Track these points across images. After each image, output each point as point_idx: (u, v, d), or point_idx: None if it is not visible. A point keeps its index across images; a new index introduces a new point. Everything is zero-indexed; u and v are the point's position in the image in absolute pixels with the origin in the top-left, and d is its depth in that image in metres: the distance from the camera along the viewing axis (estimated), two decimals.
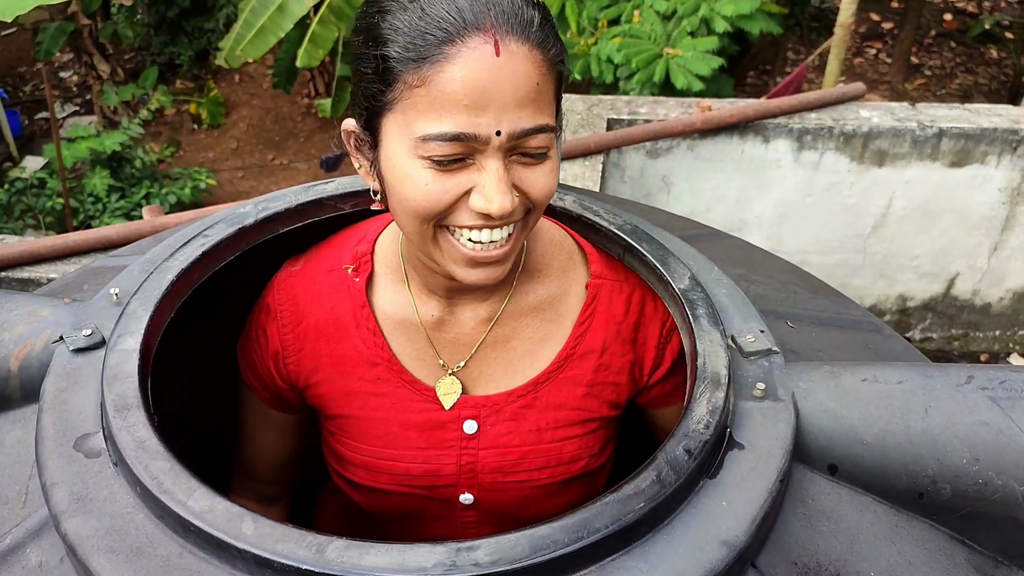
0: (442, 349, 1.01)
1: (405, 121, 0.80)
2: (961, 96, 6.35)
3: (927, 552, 0.82)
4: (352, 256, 1.02)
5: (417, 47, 0.77)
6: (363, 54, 0.82)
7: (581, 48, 4.59)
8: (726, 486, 0.77)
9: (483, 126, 0.78)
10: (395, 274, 1.01)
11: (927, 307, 3.58)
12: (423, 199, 0.82)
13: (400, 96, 0.79)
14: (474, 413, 1.01)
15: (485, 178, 0.81)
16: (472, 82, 0.76)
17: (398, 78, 0.79)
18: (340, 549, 0.68)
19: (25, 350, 0.90)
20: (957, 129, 3.09)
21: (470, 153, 0.80)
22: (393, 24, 0.79)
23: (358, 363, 1.01)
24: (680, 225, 1.34)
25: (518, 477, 1.03)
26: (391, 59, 0.79)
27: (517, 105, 0.78)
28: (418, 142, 0.79)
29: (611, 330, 1.02)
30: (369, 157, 0.88)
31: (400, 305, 1.01)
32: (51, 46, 6.25)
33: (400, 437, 1.02)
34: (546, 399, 1.02)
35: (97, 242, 2.39)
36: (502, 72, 0.77)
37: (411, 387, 1.01)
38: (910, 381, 0.86)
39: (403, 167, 0.82)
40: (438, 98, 0.77)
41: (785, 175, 3.20)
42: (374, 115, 0.83)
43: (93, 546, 0.71)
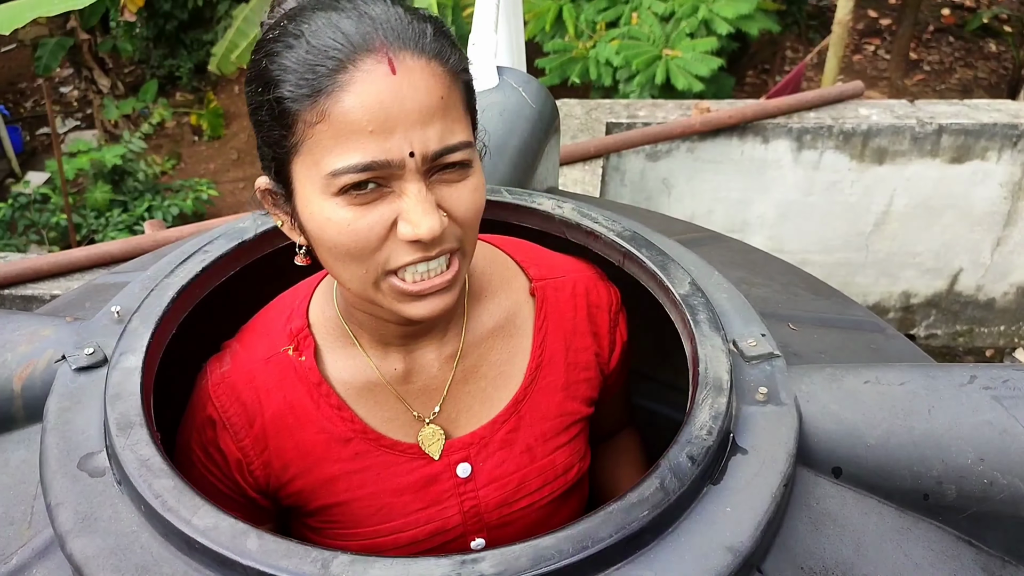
0: (413, 401, 0.96)
1: (312, 161, 0.76)
2: (961, 91, 6.34)
3: (934, 553, 0.82)
4: (287, 336, 0.94)
5: (309, 82, 0.73)
6: (258, 102, 0.77)
7: (579, 52, 4.60)
8: (730, 492, 0.77)
9: (393, 150, 0.74)
10: (342, 339, 0.94)
11: (931, 304, 3.58)
12: (350, 240, 0.77)
13: (303, 136, 0.75)
14: (464, 455, 0.97)
15: (407, 203, 0.76)
16: (373, 106, 0.73)
17: (297, 118, 0.75)
18: (345, 564, 0.68)
19: (28, 370, 0.90)
20: (957, 125, 3.09)
21: (386, 181, 0.76)
22: (281, 64, 0.75)
23: (330, 445, 0.94)
24: (680, 229, 1.34)
25: (522, 504, 1.00)
26: (286, 100, 0.74)
27: (425, 122, 0.74)
28: (329, 179, 0.75)
29: (567, 327, 1.01)
30: (287, 210, 0.83)
31: (358, 370, 0.94)
32: (51, 61, 6.27)
33: (396, 506, 0.95)
34: (529, 416, 0.99)
35: (100, 258, 2.39)
36: (402, 90, 0.73)
37: (393, 451, 0.95)
38: (913, 382, 0.86)
39: (321, 211, 0.77)
40: (341, 130, 0.73)
41: (785, 175, 3.21)
42: (282, 163, 0.79)
43: (99, 565, 0.71)
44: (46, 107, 5.65)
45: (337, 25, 0.74)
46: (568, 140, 2.96)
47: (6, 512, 0.83)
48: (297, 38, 0.75)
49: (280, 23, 0.78)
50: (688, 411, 0.82)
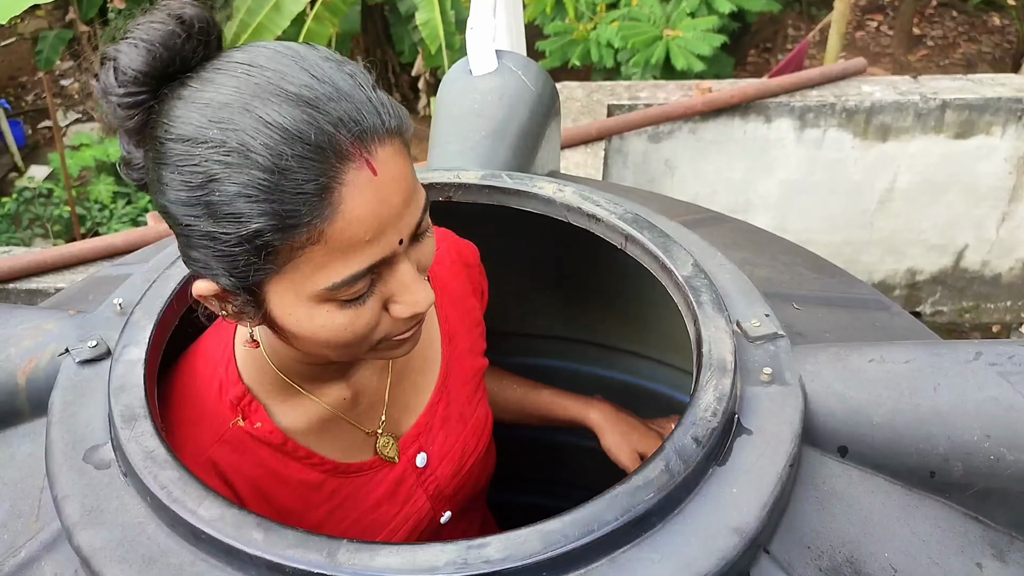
0: (362, 420, 0.96)
1: (301, 278, 0.70)
2: (965, 65, 6.30)
3: (941, 530, 0.82)
4: (228, 409, 0.88)
5: (297, 213, 0.65)
6: (212, 232, 0.67)
7: (580, 34, 4.58)
8: (736, 473, 0.76)
9: (387, 246, 0.71)
10: (284, 391, 0.90)
11: (937, 281, 3.57)
12: (348, 338, 0.75)
13: (289, 259, 0.69)
14: (417, 447, 1.00)
15: (401, 285, 0.75)
16: (368, 218, 0.68)
17: (280, 248, 0.68)
18: (351, 552, 0.68)
19: (32, 364, 0.90)
20: (961, 100, 3.07)
21: (378, 274, 0.74)
22: (244, 193, 0.65)
23: (307, 496, 0.93)
24: (682, 211, 1.33)
25: (468, 466, 1.07)
26: (266, 233, 0.66)
27: (405, 207, 0.72)
28: (324, 293, 0.71)
29: (456, 294, 1.06)
30: (247, 311, 0.76)
31: (310, 413, 0.92)
32: (51, 55, 6.26)
33: (378, 521, 0.98)
34: (453, 388, 1.04)
35: (104, 250, 2.40)
36: (385, 188, 0.69)
37: (360, 474, 0.96)
38: (918, 360, 0.86)
39: (311, 318, 0.73)
40: (339, 247, 0.68)
41: (788, 154, 3.19)
42: (249, 283, 0.72)
43: (106, 557, 0.71)
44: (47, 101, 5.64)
45: (285, 128, 0.64)
46: (569, 123, 2.95)
47: (13, 506, 0.83)
48: (245, 155, 0.64)
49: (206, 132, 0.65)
50: (692, 393, 0.82)
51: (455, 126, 1.32)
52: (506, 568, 0.67)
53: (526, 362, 1.50)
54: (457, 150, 1.27)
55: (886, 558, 0.78)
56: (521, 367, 1.40)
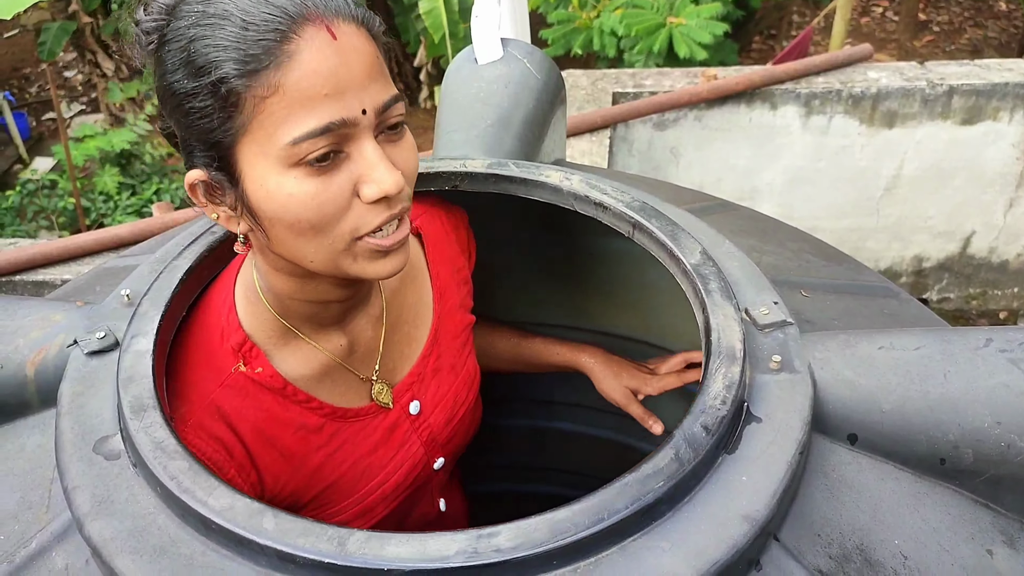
0: (359, 367, 1.01)
1: (265, 136, 0.75)
2: (971, 51, 6.26)
3: (951, 517, 0.82)
4: (229, 355, 0.92)
5: (256, 56, 0.73)
6: (191, 89, 0.75)
7: (583, 22, 4.55)
8: (745, 461, 0.76)
9: (348, 108, 0.75)
10: (284, 336, 0.94)
11: (943, 267, 3.56)
12: (315, 213, 0.78)
13: (253, 113, 0.75)
14: (410, 395, 1.06)
15: (368, 163, 0.78)
16: (324, 71, 0.74)
17: (245, 95, 0.74)
18: (361, 541, 0.68)
19: (40, 355, 0.91)
20: (968, 86, 3.05)
21: (342, 144, 0.77)
22: (216, 44, 0.73)
23: (307, 439, 0.97)
24: (689, 198, 1.33)
25: (459, 415, 1.12)
26: (230, 79, 0.73)
27: (369, 81, 0.77)
28: (288, 149, 0.75)
29: (447, 253, 1.12)
30: (229, 199, 0.81)
31: (309, 359, 0.96)
32: (54, 46, 6.25)
33: (374, 465, 1.02)
34: (444, 341, 1.10)
35: (109, 241, 2.40)
36: (345, 54, 0.75)
37: (357, 419, 1.00)
38: (928, 347, 0.86)
39: (280, 187, 0.77)
40: (297, 98, 0.74)
41: (794, 141, 3.18)
42: (224, 149, 0.78)
43: (117, 547, 0.71)
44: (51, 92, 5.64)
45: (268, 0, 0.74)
46: (574, 111, 2.94)
47: (24, 496, 0.83)
48: (225, 17, 0.74)
49: (192, 9, 0.76)
50: (701, 381, 0.82)
51: (460, 114, 1.31)
52: (517, 557, 0.67)
53: None
54: (463, 139, 1.26)
55: (896, 545, 0.78)
56: None
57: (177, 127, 0.80)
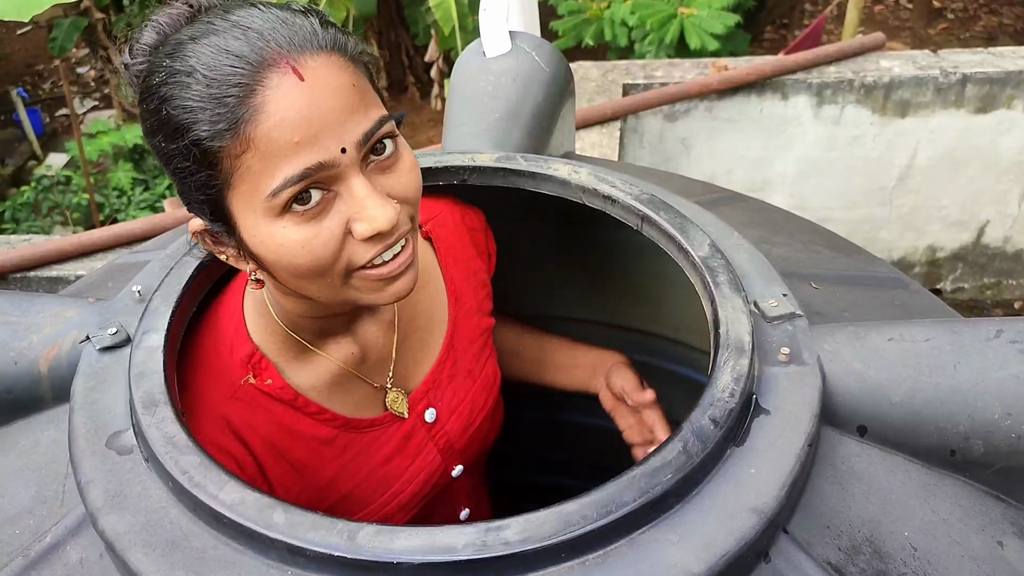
0: (372, 375, 0.99)
1: (248, 190, 0.74)
2: (986, 38, 6.20)
3: (961, 509, 0.82)
4: (239, 367, 0.91)
5: (222, 116, 0.71)
6: (171, 151, 0.75)
7: (593, 13, 4.54)
8: (754, 453, 0.76)
9: (324, 151, 0.73)
10: (293, 348, 0.93)
11: (957, 257, 3.53)
12: (309, 259, 0.77)
13: (232, 169, 0.74)
14: (425, 403, 1.04)
15: (357, 202, 0.76)
16: (293, 118, 0.71)
17: (220, 155, 0.73)
18: (371, 534, 0.69)
19: (54, 351, 0.92)
20: (981, 74, 3.02)
21: (327, 184, 0.75)
22: (183, 106, 0.72)
23: (320, 451, 0.95)
24: (699, 190, 1.33)
25: (477, 422, 1.10)
26: (203, 141, 0.72)
27: (346, 115, 0.74)
28: (270, 201, 0.74)
29: (462, 256, 1.10)
30: (231, 243, 0.82)
31: (320, 369, 0.95)
32: (66, 42, 6.28)
33: (390, 474, 1.00)
34: (460, 346, 1.08)
35: (122, 237, 2.42)
36: (314, 93, 0.72)
37: (371, 429, 0.99)
38: (938, 338, 0.85)
39: (271, 236, 0.76)
40: (269, 151, 0.72)
41: (806, 131, 3.16)
42: (216, 202, 0.77)
43: (130, 541, 0.72)
44: (64, 88, 5.67)
45: (226, 49, 0.72)
46: (584, 103, 2.93)
47: (39, 491, 0.84)
48: (190, 75, 0.72)
49: (161, 64, 0.75)
50: (710, 374, 0.82)
51: (469, 108, 1.31)
52: (525, 550, 0.67)
53: None
54: (471, 132, 1.26)
55: (906, 537, 0.78)
56: None
57: (171, 179, 0.80)
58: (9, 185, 6.31)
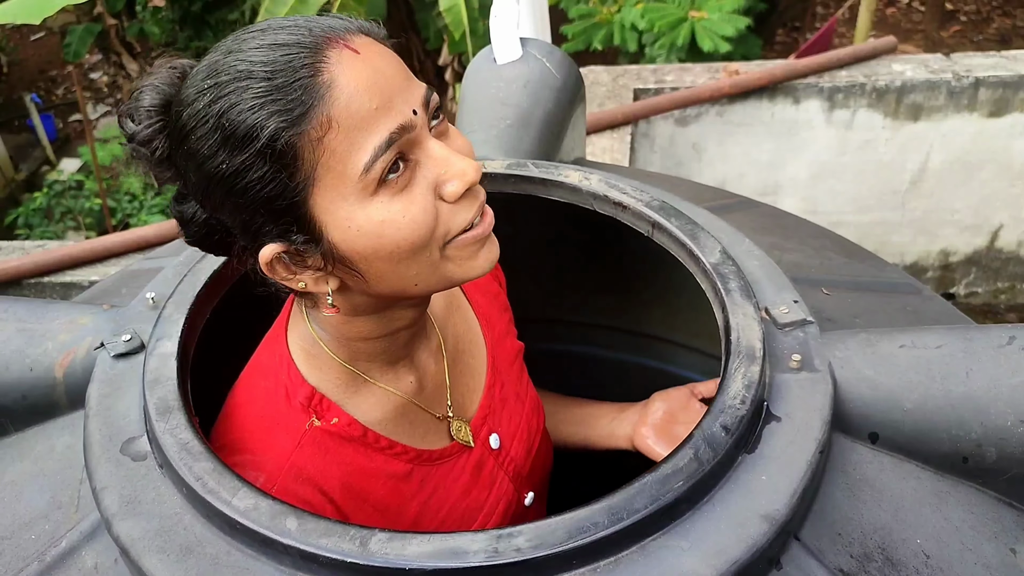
0: (432, 404, 0.96)
1: (336, 177, 0.71)
2: (999, 41, 6.17)
3: (974, 516, 0.81)
4: (300, 411, 0.85)
5: (296, 100, 0.68)
6: (239, 166, 0.70)
7: (603, 17, 4.54)
8: (765, 460, 0.76)
9: (401, 114, 0.72)
10: (353, 384, 0.89)
11: (971, 261, 3.51)
12: (411, 230, 0.74)
13: (315, 160, 0.70)
14: (487, 429, 1.01)
15: (440, 161, 0.75)
16: (366, 86, 0.71)
17: (300, 146, 0.70)
18: (383, 541, 0.69)
19: (69, 358, 0.92)
20: (995, 77, 3.01)
21: (408, 152, 0.74)
22: (249, 107, 0.69)
23: (398, 489, 0.91)
24: (709, 196, 1.33)
25: (536, 444, 1.08)
26: (281, 134, 0.69)
27: (405, 82, 0.74)
28: (363, 178, 0.71)
29: (479, 281, 1.07)
30: (315, 261, 0.76)
31: (383, 403, 0.91)
32: (79, 48, 6.32)
33: (472, 507, 0.97)
34: (502, 369, 1.06)
35: (135, 243, 2.43)
36: (375, 63, 0.72)
37: (443, 461, 0.95)
38: (950, 345, 0.85)
39: (369, 219, 0.73)
40: (352, 123, 0.70)
41: (817, 135, 3.15)
42: (297, 209, 0.73)
43: (144, 547, 0.72)
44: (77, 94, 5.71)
45: (276, 43, 0.70)
46: (595, 107, 2.93)
47: (54, 497, 0.85)
48: (246, 77, 0.69)
49: (201, 88, 0.71)
50: (721, 381, 0.82)
51: (480, 114, 1.32)
52: (536, 556, 0.67)
53: (553, 348, 1.50)
54: (482, 139, 1.27)
55: (918, 544, 0.78)
56: (548, 354, 1.40)
57: (232, 214, 0.75)
58: (23, 190, 6.36)
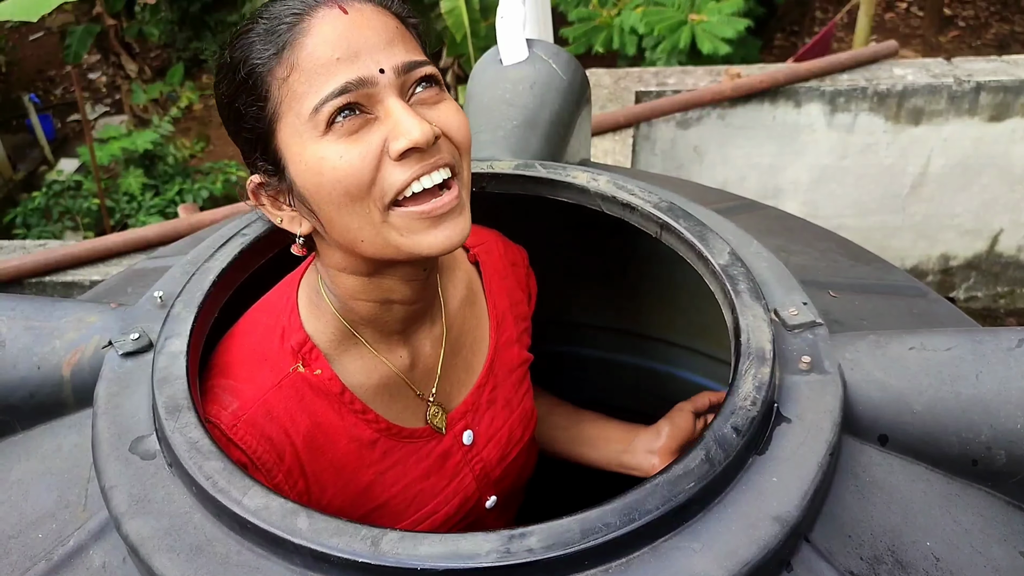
0: (417, 384, 0.99)
1: (294, 114, 0.79)
2: (997, 46, 6.19)
3: (983, 519, 0.81)
4: (289, 354, 0.91)
5: (272, 41, 0.79)
6: (232, 93, 0.83)
7: (603, 20, 4.54)
8: (776, 462, 0.76)
9: (363, 68, 0.78)
10: (346, 341, 0.93)
11: (971, 266, 3.52)
12: (344, 173, 0.78)
13: (280, 96, 0.80)
14: (464, 424, 1.03)
15: (393, 118, 0.79)
16: (334, 38, 0.78)
17: (269, 80, 0.80)
18: (394, 541, 0.69)
19: (76, 356, 0.92)
20: (995, 82, 3.02)
21: (367, 105, 0.79)
22: (243, 44, 0.81)
23: (360, 453, 0.94)
24: (715, 198, 1.33)
25: (513, 454, 1.09)
26: (256, 68, 0.80)
27: (387, 44, 0.80)
28: (313, 118, 0.78)
29: (505, 285, 1.11)
30: (282, 191, 0.85)
31: (370, 368, 0.95)
32: (79, 48, 6.32)
33: (427, 491, 1.00)
34: (500, 373, 1.08)
35: (136, 243, 2.43)
36: (357, 24, 0.79)
37: (412, 440, 0.99)
38: (959, 347, 0.85)
39: (313, 154, 0.79)
40: (311, 68, 0.78)
41: (818, 139, 3.16)
42: (267, 140, 0.82)
43: (154, 546, 0.72)
44: (76, 94, 5.70)
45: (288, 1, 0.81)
46: (597, 110, 2.94)
47: (61, 495, 0.84)
48: (255, 20, 0.82)
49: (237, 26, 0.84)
50: (731, 382, 0.82)
51: (486, 115, 1.32)
52: (549, 557, 0.67)
53: (561, 350, 1.50)
54: (489, 139, 1.27)
55: (928, 547, 0.78)
56: (556, 355, 1.41)
57: (237, 140, 0.86)
58: (20, 190, 6.35)
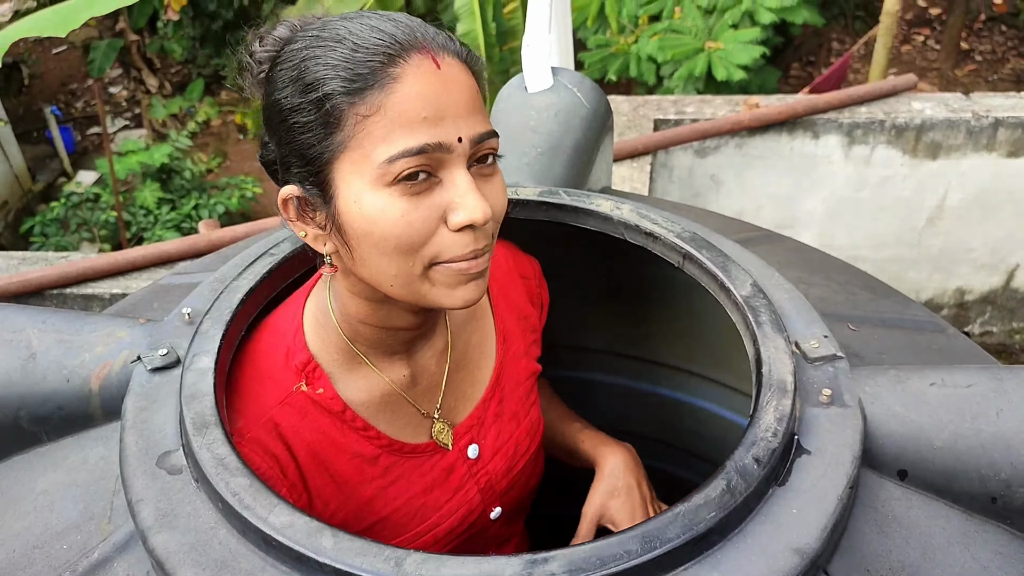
0: (420, 400, 1.00)
1: (363, 155, 0.78)
2: (1014, 81, 6.20)
3: (1002, 557, 0.81)
4: (293, 373, 0.93)
5: (363, 76, 0.76)
6: (295, 105, 0.79)
7: (620, 47, 4.58)
8: (796, 493, 0.77)
9: (445, 133, 0.78)
10: (349, 361, 0.95)
11: (986, 300, 3.51)
12: (403, 231, 0.79)
13: (353, 132, 0.77)
14: (469, 437, 1.04)
15: (459, 190, 0.79)
16: (426, 95, 0.77)
17: (346, 113, 0.77)
18: (418, 562, 0.69)
19: (105, 370, 0.93)
20: (1014, 118, 3.03)
21: (436, 169, 0.79)
22: (326, 63, 0.77)
23: (362, 469, 0.96)
24: (735, 228, 1.33)
25: (520, 466, 1.10)
26: (336, 95, 0.77)
27: (468, 112, 0.80)
28: (383, 167, 0.77)
29: (513, 298, 1.11)
30: (320, 217, 0.84)
31: (371, 386, 0.96)
32: (103, 63, 6.42)
33: (430, 504, 1.01)
34: (507, 386, 1.08)
35: (156, 257, 2.45)
36: (447, 83, 0.78)
37: (415, 455, 1.00)
38: (980, 384, 0.85)
39: (373, 203, 0.78)
40: (396, 119, 0.76)
41: (836, 171, 3.17)
42: (321, 165, 0.80)
43: (180, 560, 0.73)
44: (97, 108, 5.77)
45: (377, 27, 0.78)
46: (615, 137, 2.95)
47: (87, 507, 0.85)
48: (339, 41, 0.78)
49: (306, 35, 0.81)
50: (752, 413, 0.82)
51: (511, 142, 1.33)
52: None
53: (577, 376, 1.50)
54: (514, 165, 1.28)
55: None
56: (572, 381, 1.41)
57: (278, 143, 0.84)
58: (39, 201, 6.42)
